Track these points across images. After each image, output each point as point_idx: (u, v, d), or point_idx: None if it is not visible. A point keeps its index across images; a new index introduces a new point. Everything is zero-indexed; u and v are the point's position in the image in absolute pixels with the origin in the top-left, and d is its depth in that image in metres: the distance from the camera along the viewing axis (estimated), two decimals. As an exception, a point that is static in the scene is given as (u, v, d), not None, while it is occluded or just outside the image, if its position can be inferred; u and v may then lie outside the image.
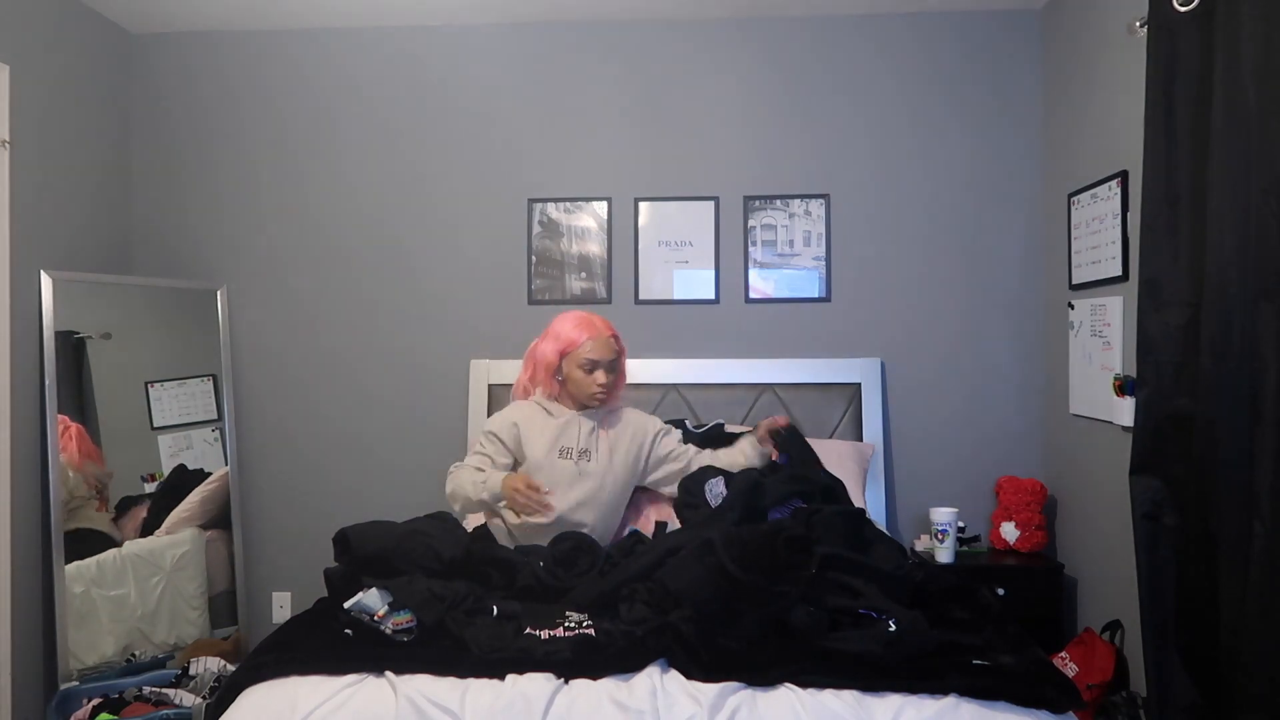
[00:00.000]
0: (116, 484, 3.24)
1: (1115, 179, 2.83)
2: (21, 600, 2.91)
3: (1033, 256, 3.48)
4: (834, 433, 3.40)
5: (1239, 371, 2.03)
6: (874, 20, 3.50)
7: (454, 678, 1.73)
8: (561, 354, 2.69)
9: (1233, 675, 2.04)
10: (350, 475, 3.60)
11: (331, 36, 3.61)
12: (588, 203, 3.57)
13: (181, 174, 3.64)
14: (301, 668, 1.78)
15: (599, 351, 2.65)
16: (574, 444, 2.65)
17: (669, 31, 3.55)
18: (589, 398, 2.68)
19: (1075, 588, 3.20)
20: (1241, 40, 2.00)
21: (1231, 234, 2.03)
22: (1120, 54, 2.80)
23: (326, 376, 3.62)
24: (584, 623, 1.89)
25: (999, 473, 3.42)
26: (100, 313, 3.24)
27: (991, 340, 3.50)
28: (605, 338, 2.68)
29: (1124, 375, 2.73)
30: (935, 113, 3.49)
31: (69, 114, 3.25)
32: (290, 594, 3.61)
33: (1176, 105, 2.25)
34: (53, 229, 3.14)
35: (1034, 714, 1.65)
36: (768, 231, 3.53)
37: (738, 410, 3.40)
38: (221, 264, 3.63)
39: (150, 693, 2.85)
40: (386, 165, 3.61)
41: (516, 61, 3.58)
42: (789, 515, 2.38)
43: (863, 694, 1.66)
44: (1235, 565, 2.03)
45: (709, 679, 1.70)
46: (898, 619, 1.82)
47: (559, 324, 2.73)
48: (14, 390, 2.91)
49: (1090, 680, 2.73)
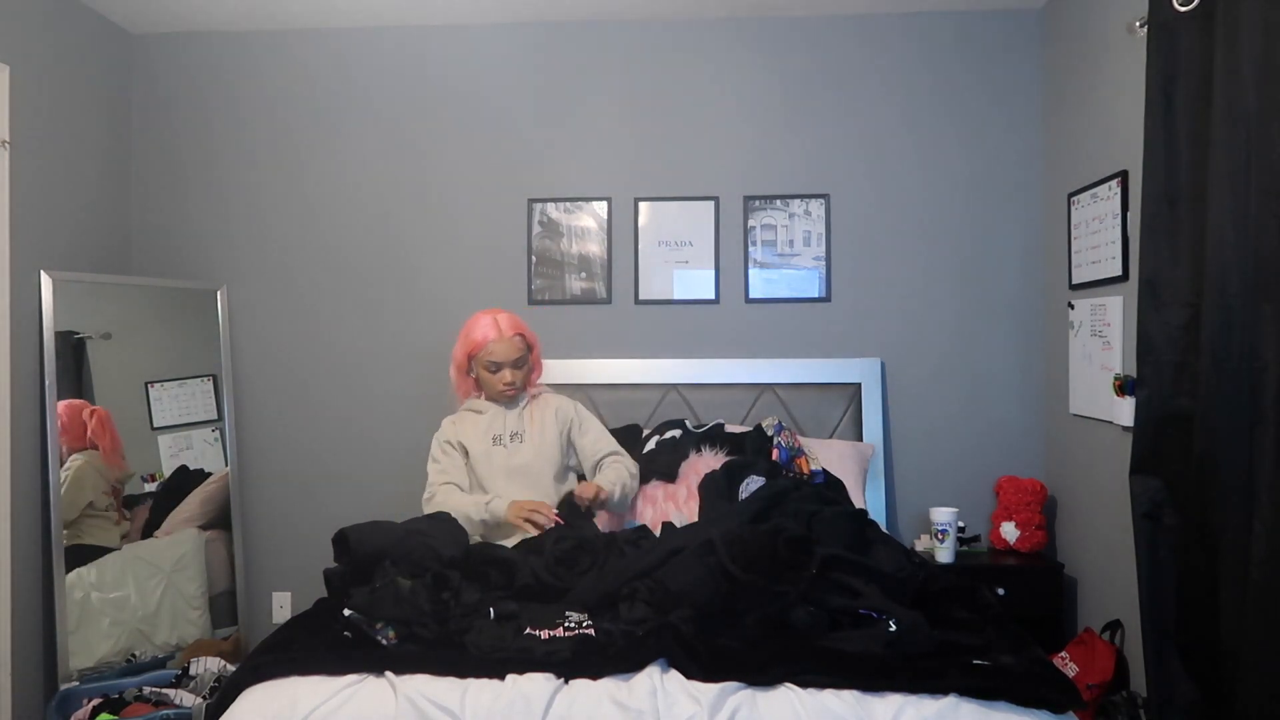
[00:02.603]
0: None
1: (1115, 179, 2.83)
2: (21, 600, 2.91)
3: (1033, 256, 3.48)
4: (834, 433, 3.40)
5: (1239, 371, 2.02)
6: (874, 20, 3.50)
7: (454, 678, 1.73)
8: (469, 355, 2.87)
9: (1233, 675, 2.04)
10: (350, 475, 3.60)
11: (331, 36, 3.61)
12: (588, 203, 3.57)
13: (181, 174, 3.64)
14: (301, 668, 1.78)
15: (501, 353, 2.80)
16: (504, 430, 2.83)
17: (669, 31, 3.55)
18: (498, 394, 2.85)
19: (1075, 588, 3.20)
20: (1241, 40, 2.00)
21: (1231, 234, 2.03)
22: (1120, 54, 2.80)
23: (326, 376, 3.62)
24: (584, 623, 1.88)
25: (999, 473, 3.42)
26: (100, 313, 3.24)
27: (991, 340, 3.50)
28: (508, 338, 2.81)
29: (1124, 375, 2.73)
30: (935, 112, 3.49)
31: (69, 114, 3.25)
32: (290, 594, 3.61)
33: (1176, 105, 2.25)
34: (53, 229, 3.14)
35: (1034, 714, 1.65)
36: (768, 231, 3.53)
37: (738, 410, 3.40)
38: (221, 264, 3.63)
39: (150, 693, 2.85)
40: (386, 165, 3.61)
41: (516, 61, 3.58)
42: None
43: (863, 694, 1.66)
44: (1235, 565, 2.03)
45: (709, 679, 1.69)
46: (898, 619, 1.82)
47: (468, 325, 2.89)
48: (14, 390, 2.91)
49: (1090, 680, 2.73)
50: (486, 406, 2.88)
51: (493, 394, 2.86)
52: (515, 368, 2.82)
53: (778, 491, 2.50)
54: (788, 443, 2.94)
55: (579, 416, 2.93)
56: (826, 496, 2.57)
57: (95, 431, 3.09)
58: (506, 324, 2.83)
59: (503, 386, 2.81)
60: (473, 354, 2.84)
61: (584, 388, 3.44)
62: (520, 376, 2.84)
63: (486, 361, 2.81)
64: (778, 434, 2.97)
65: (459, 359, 2.89)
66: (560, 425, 2.87)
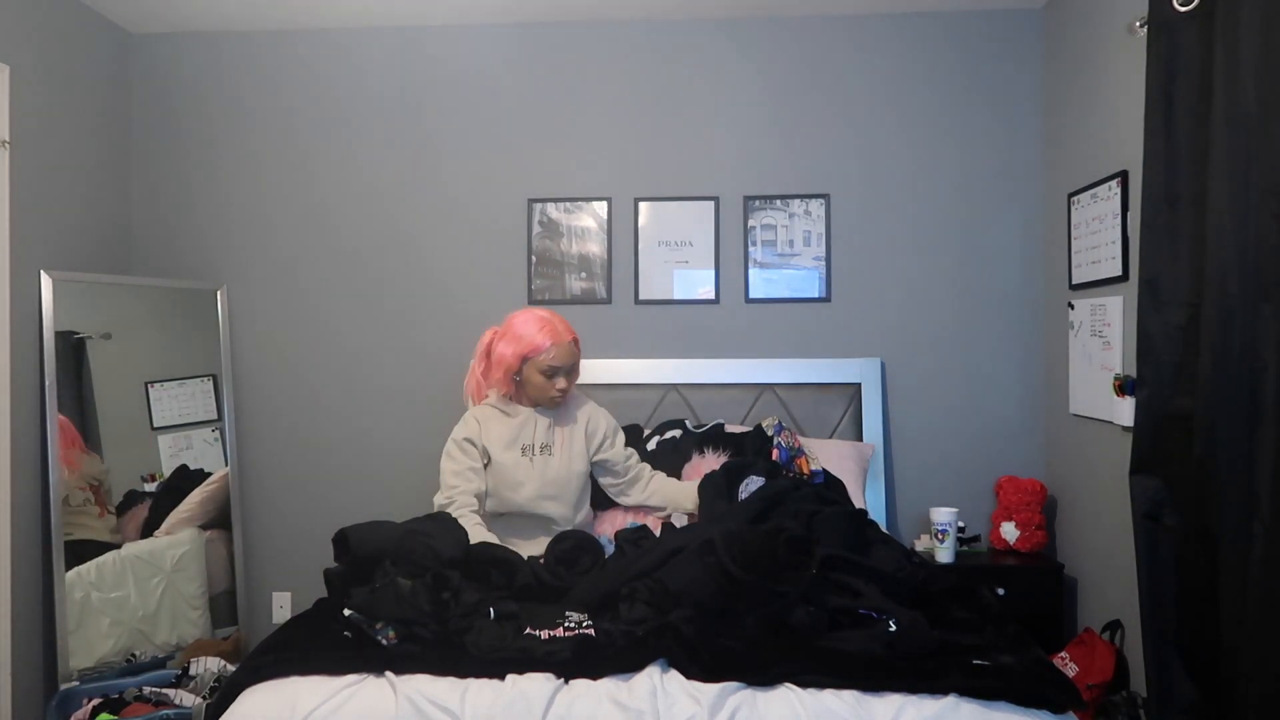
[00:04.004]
0: (118, 484, 3.23)
1: (1115, 179, 2.83)
2: (21, 600, 2.91)
3: (1033, 256, 3.48)
4: (834, 433, 3.40)
5: (1239, 371, 2.02)
6: (874, 20, 3.50)
7: (454, 678, 1.73)
8: (523, 357, 2.66)
9: (1233, 675, 2.04)
10: (351, 475, 3.60)
11: (331, 36, 3.61)
12: (588, 203, 3.57)
13: (181, 174, 3.64)
14: (301, 668, 1.78)
15: (562, 358, 2.65)
16: (533, 440, 2.69)
17: (669, 32, 3.55)
18: (548, 400, 2.70)
19: (1075, 588, 3.20)
20: (1241, 40, 2.00)
21: (1231, 234, 2.03)
22: (1120, 54, 2.80)
23: (327, 376, 3.62)
24: (584, 623, 1.88)
25: (999, 473, 3.42)
26: (100, 313, 3.24)
27: (991, 340, 3.50)
28: (567, 343, 2.67)
29: (1124, 375, 2.73)
30: (935, 112, 3.49)
31: (69, 114, 3.25)
32: (290, 594, 3.61)
33: (1176, 105, 2.25)
34: (53, 229, 3.14)
35: (1034, 714, 1.65)
36: (768, 231, 3.53)
37: (738, 410, 3.40)
38: (221, 264, 3.63)
39: (150, 693, 2.85)
40: (386, 165, 3.61)
41: (516, 61, 3.58)
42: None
43: (863, 694, 1.66)
44: (1235, 565, 2.03)
45: (709, 679, 1.70)
46: (898, 619, 1.82)
47: (521, 325, 2.68)
48: (14, 390, 2.91)
49: (1090, 680, 2.73)
50: (518, 410, 2.72)
51: (540, 399, 2.70)
52: (569, 376, 2.70)
53: (778, 491, 2.50)
54: (788, 443, 2.93)
55: (609, 432, 2.81)
56: (826, 496, 2.57)
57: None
58: (564, 328, 2.69)
59: (556, 393, 2.67)
60: (529, 356, 2.65)
61: (584, 388, 3.41)
62: (573, 383, 2.73)
63: (546, 366, 2.64)
64: (778, 434, 2.97)
65: (508, 359, 2.67)
66: (590, 440, 2.77)
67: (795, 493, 2.54)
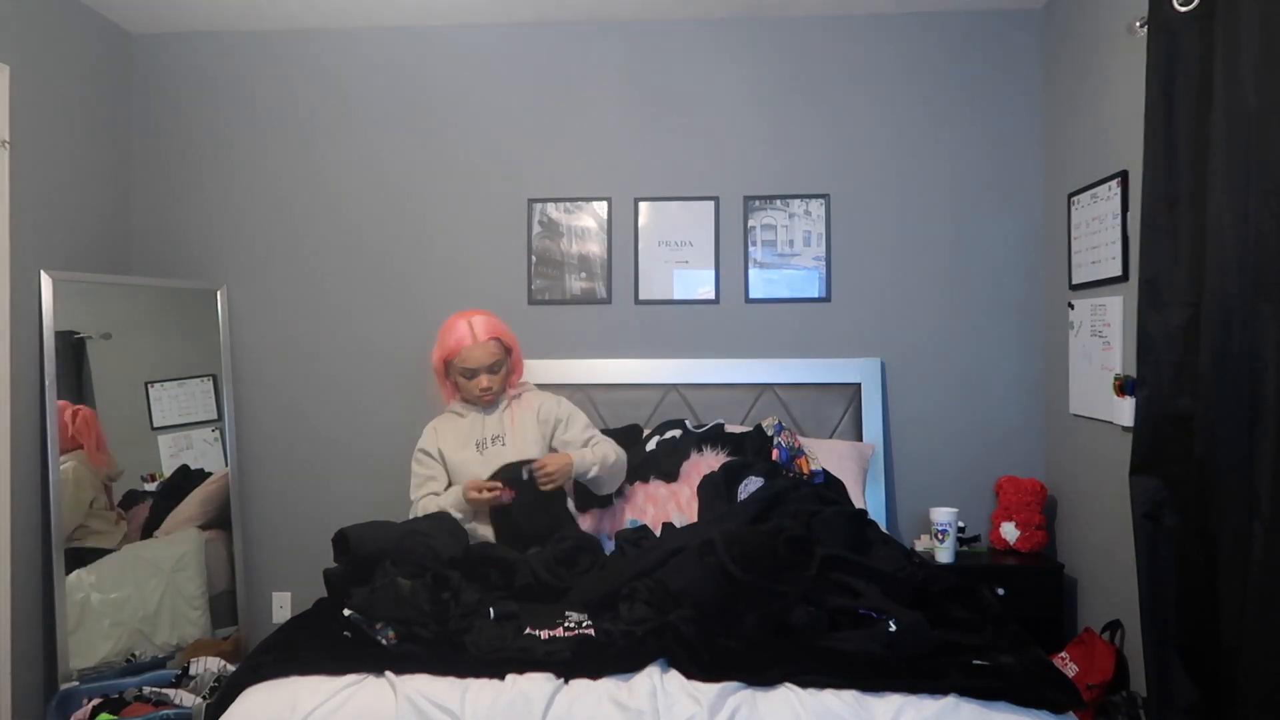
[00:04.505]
0: (118, 484, 3.23)
1: (1115, 179, 2.83)
2: (21, 600, 2.91)
3: (1033, 256, 3.48)
4: (834, 433, 3.40)
5: (1239, 371, 2.02)
6: (873, 20, 3.50)
7: (454, 678, 1.73)
8: (444, 360, 2.82)
9: (1233, 675, 2.04)
10: (350, 476, 3.60)
11: (331, 37, 3.61)
12: (588, 203, 3.57)
13: (181, 174, 3.64)
14: (301, 668, 1.78)
15: (476, 359, 2.74)
16: (484, 434, 2.79)
17: (669, 31, 3.55)
18: (477, 400, 2.80)
19: (1075, 588, 3.20)
20: (1241, 40, 2.00)
21: (1231, 234, 2.03)
22: (1120, 54, 2.80)
23: (327, 376, 3.62)
24: (584, 623, 1.89)
25: (999, 473, 3.42)
26: (100, 313, 3.24)
27: (991, 340, 3.50)
28: (483, 344, 2.75)
29: (1124, 375, 2.73)
30: (935, 112, 3.49)
31: (69, 114, 3.25)
32: (290, 594, 3.61)
33: (1176, 105, 2.25)
34: (53, 229, 3.14)
35: (1034, 714, 1.65)
36: (768, 231, 3.53)
37: (738, 410, 3.40)
38: (221, 264, 3.63)
39: (150, 693, 2.85)
40: (386, 165, 3.61)
41: (516, 61, 3.58)
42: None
43: (863, 694, 1.66)
44: (1235, 565, 2.03)
45: (709, 679, 1.70)
46: (898, 619, 1.82)
47: (442, 330, 2.84)
48: (14, 390, 2.91)
49: (1090, 680, 2.73)
50: (466, 410, 2.85)
51: (470, 399, 2.82)
52: (491, 373, 2.76)
53: (778, 492, 2.50)
54: (788, 443, 2.94)
55: (563, 415, 2.86)
56: (826, 496, 2.57)
57: (79, 431, 3.08)
58: (481, 328, 2.76)
59: (479, 393, 2.76)
60: (448, 360, 2.80)
61: (584, 388, 3.44)
62: (498, 381, 2.78)
63: (461, 368, 2.76)
64: (778, 434, 2.97)
65: (436, 364, 2.86)
66: (543, 426, 2.82)
67: (795, 493, 2.54)
